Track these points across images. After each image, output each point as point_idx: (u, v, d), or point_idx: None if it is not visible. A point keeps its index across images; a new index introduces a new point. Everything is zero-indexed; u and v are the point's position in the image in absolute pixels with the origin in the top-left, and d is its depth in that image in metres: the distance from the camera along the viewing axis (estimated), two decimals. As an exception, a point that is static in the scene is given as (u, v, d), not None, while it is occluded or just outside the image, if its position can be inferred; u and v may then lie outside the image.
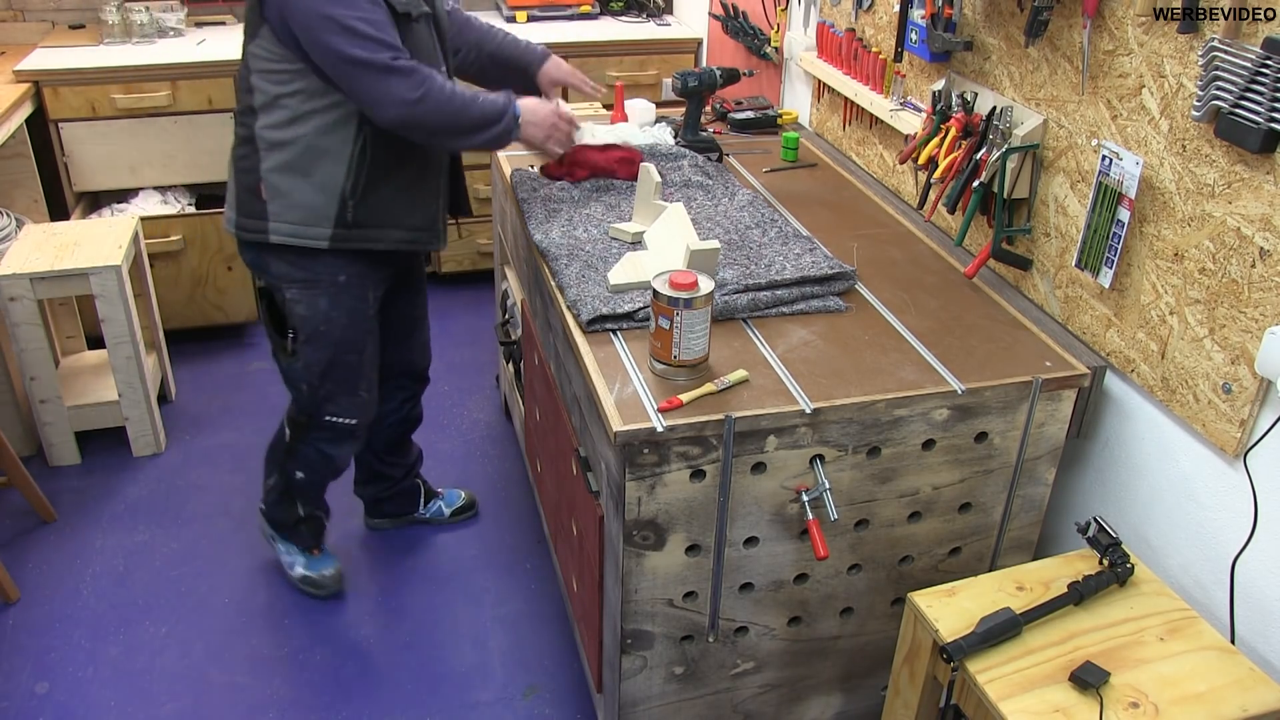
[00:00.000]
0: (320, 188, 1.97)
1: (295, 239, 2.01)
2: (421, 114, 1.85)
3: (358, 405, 2.22)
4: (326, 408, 2.20)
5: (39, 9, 3.65)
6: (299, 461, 2.30)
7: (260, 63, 1.92)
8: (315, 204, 1.98)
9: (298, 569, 2.47)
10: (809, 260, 1.93)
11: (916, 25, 2.11)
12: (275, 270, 2.07)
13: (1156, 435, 1.71)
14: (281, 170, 1.97)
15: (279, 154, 1.96)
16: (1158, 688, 1.43)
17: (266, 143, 1.96)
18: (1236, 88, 1.41)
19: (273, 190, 1.98)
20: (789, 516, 1.67)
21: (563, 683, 2.28)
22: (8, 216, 3.04)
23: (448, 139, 1.95)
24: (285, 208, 1.99)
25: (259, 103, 1.94)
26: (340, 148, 1.95)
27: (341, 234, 2.01)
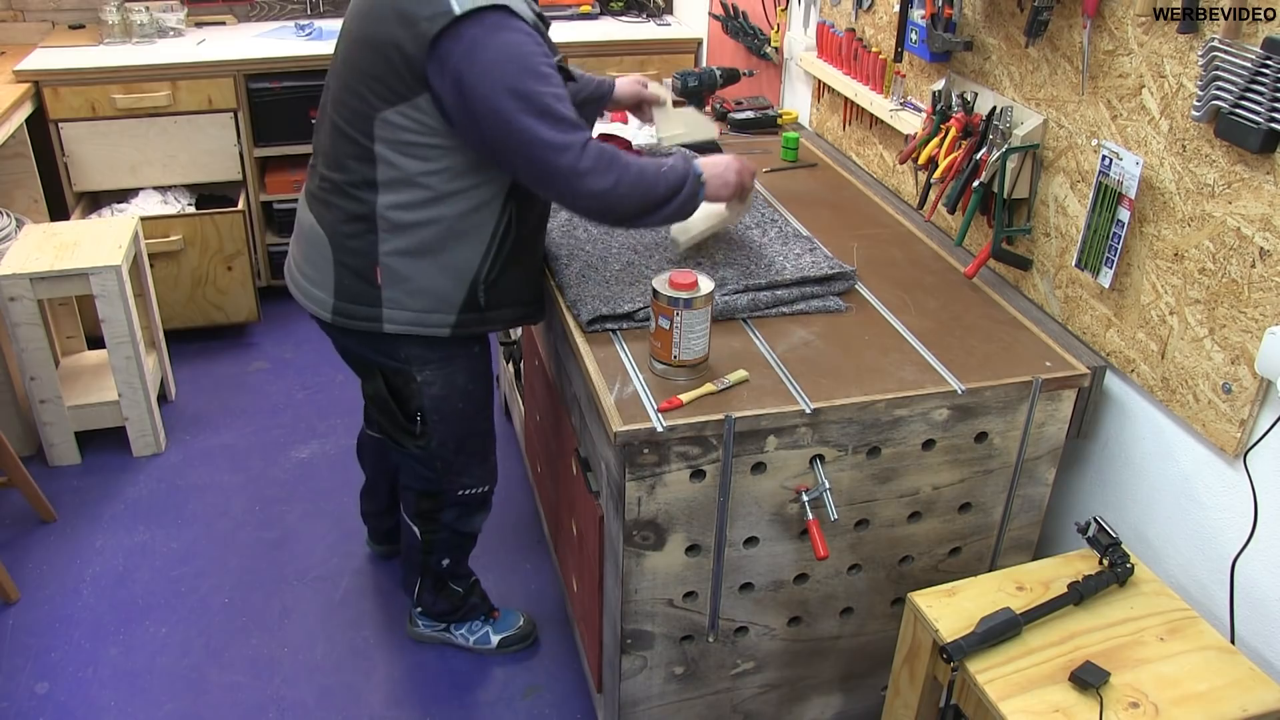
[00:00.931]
0: (452, 273, 1.78)
1: (414, 328, 1.81)
2: (616, 200, 1.66)
3: (488, 470, 2.09)
4: (460, 481, 2.04)
5: (39, 9, 3.65)
6: (440, 551, 2.15)
7: (398, 133, 1.67)
8: (443, 290, 1.79)
9: (493, 639, 2.32)
10: (809, 260, 1.93)
11: (916, 25, 2.11)
12: (406, 353, 1.86)
13: (1156, 435, 1.71)
14: (407, 254, 1.75)
15: (406, 237, 1.74)
16: (1158, 688, 1.43)
17: (390, 224, 1.73)
18: (1236, 88, 1.41)
19: (391, 275, 1.77)
20: (789, 516, 1.67)
21: (563, 683, 2.28)
22: (8, 216, 3.04)
23: (639, 219, 1.73)
24: (405, 294, 1.78)
25: (385, 178, 1.70)
26: (482, 229, 1.76)
27: (467, 319, 1.83)
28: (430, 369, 1.88)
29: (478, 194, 1.74)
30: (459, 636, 2.33)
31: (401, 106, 1.65)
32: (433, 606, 2.28)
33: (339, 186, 1.76)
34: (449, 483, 2.04)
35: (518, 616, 2.36)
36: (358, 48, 1.69)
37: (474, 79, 1.58)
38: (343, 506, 2.78)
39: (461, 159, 1.69)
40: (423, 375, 1.88)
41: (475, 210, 1.75)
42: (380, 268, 1.76)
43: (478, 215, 1.75)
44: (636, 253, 1.96)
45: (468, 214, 1.74)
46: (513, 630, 2.33)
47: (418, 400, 1.91)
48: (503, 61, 1.58)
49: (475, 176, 1.72)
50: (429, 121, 1.65)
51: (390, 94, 1.65)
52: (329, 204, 1.79)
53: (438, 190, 1.71)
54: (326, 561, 2.61)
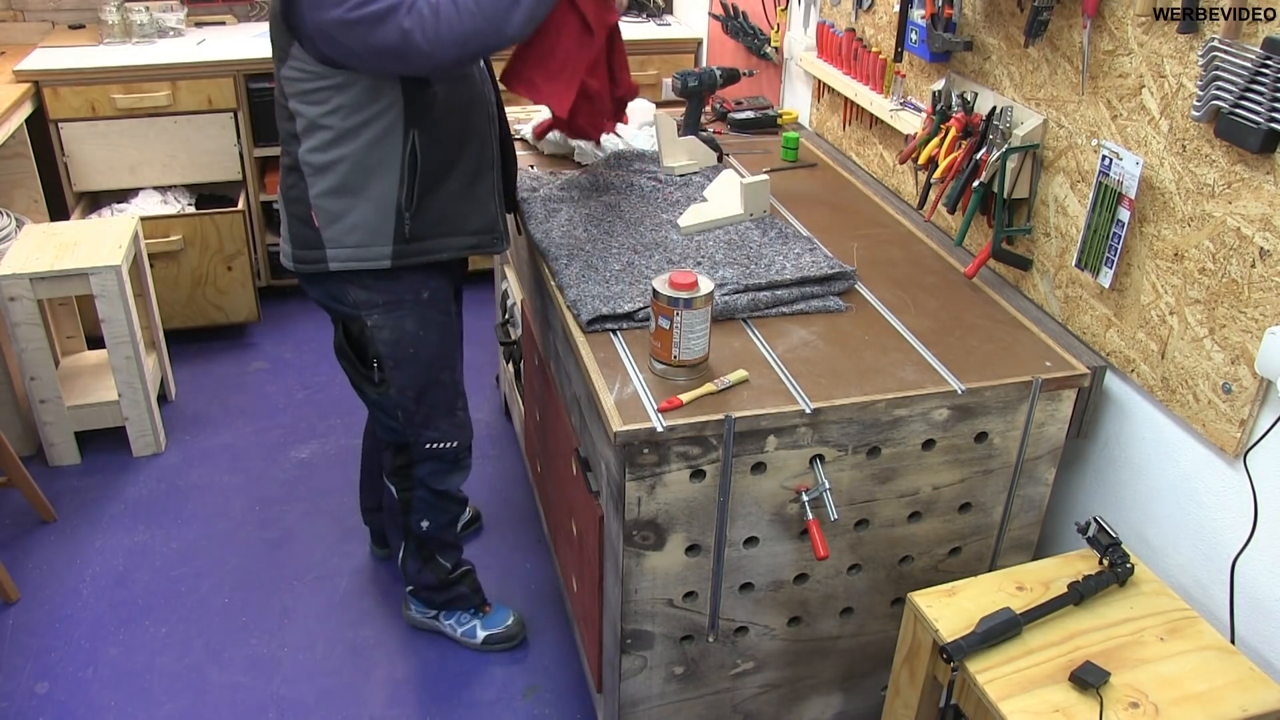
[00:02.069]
0: (374, 205, 1.88)
1: (355, 263, 1.91)
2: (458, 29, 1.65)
3: (456, 425, 2.12)
4: (425, 434, 2.09)
5: (39, 9, 3.65)
6: (418, 509, 2.18)
7: (295, 85, 1.81)
8: (371, 223, 1.89)
9: (479, 634, 2.34)
10: (809, 260, 1.93)
11: (916, 25, 2.11)
12: (354, 298, 1.95)
13: (1156, 435, 1.71)
14: (331, 194, 1.87)
15: (327, 177, 1.86)
16: (1158, 688, 1.43)
17: (312, 168, 1.87)
18: (1236, 88, 1.41)
19: (325, 216, 1.89)
20: (789, 516, 1.67)
21: (563, 683, 2.28)
22: (8, 216, 3.04)
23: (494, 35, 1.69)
24: (341, 232, 1.89)
25: (300, 128, 1.84)
26: (389, 160, 1.85)
27: (402, 249, 1.91)
28: (377, 313, 1.96)
29: (376, 126, 1.82)
30: (447, 626, 2.36)
31: (289, 61, 1.79)
32: (418, 577, 2.28)
33: (282, 147, 1.93)
34: (414, 434, 2.09)
35: (508, 615, 2.37)
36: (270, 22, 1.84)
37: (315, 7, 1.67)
38: (343, 506, 2.78)
39: (348, 96, 1.79)
40: (371, 319, 1.96)
41: (377, 143, 1.83)
42: (314, 210, 1.89)
43: (381, 148, 1.84)
44: (636, 253, 1.96)
45: (371, 148, 1.83)
46: (499, 629, 2.34)
47: (373, 347, 1.99)
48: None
49: (368, 110, 1.81)
50: (308, 67, 1.77)
51: (280, 52, 1.80)
52: (280, 165, 1.96)
53: (339, 129, 1.82)
54: (326, 561, 2.61)
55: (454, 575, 2.29)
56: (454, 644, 2.37)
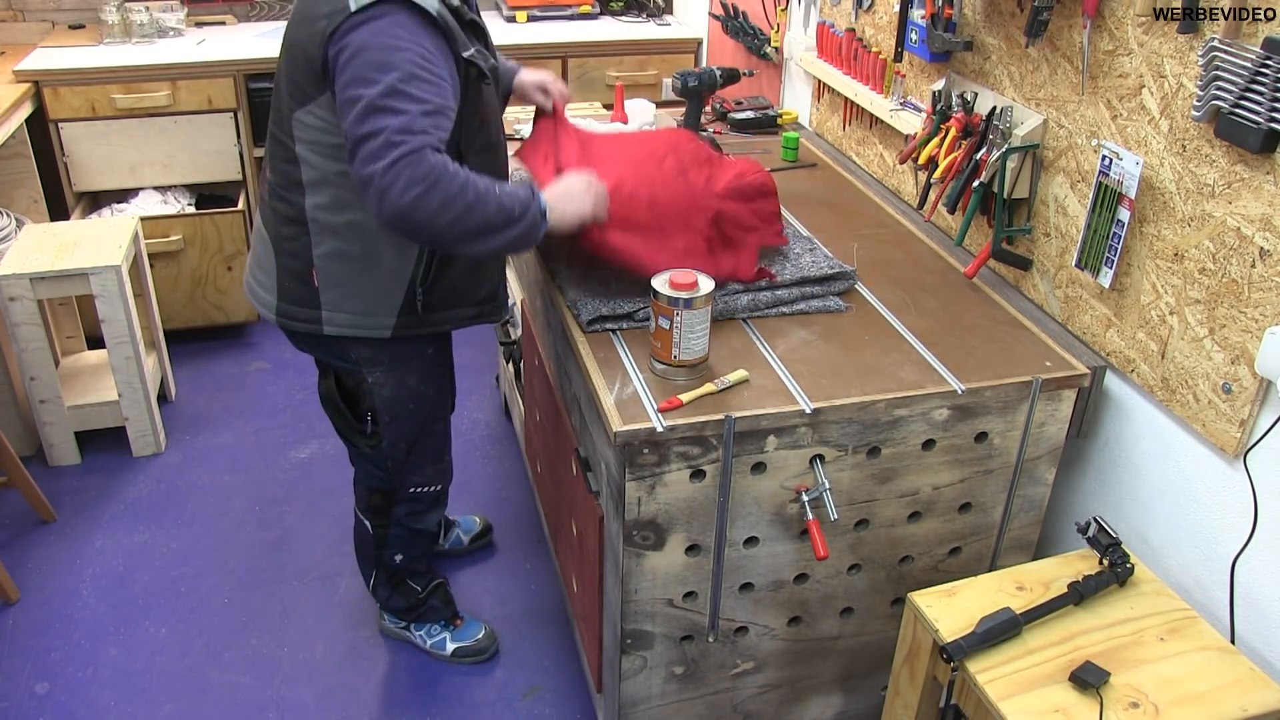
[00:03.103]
0: (387, 277, 1.76)
1: (352, 330, 1.80)
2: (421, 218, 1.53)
3: (441, 471, 2.10)
4: (411, 479, 2.05)
5: (39, 9, 3.65)
6: (393, 546, 2.14)
7: (313, 133, 1.66)
8: (378, 293, 1.77)
9: (449, 646, 2.31)
10: (809, 260, 1.93)
11: (916, 25, 2.11)
12: (357, 355, 1.85)
13: (1156, 435, 1.71)
14: (339, 257, 1.74)
15: (335, 240, 1.73)
16: (1158, 688, 1.43)
17: (320, 226, 1.73)
18: (1236, 88, 1.41)
19: (327, 279, 1.76)
20: (789, 516, 1.67)
21: (563, 683, 2.28)
22: (8, 216, 3.04)
23: (461, 244, 1.61)
24: (342, 297, 1.77)
25: (308, 178, 1.70)
26: None
27: (407, 321, 1.81)
28: (381, 370, 1.88)
29: None
30: (417, 637, 2.34)
31: (310, 106, 1.64)
32: (388, 601, 2.27)
33: (275, 189, 1.77)
34: (400, 480, 2.06)
35: (479, 629, 2.34)
36: (284, 52, 1.71)
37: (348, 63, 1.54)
38: (343, 506, 2.78)
39: None
40: (374, 377, 1.88)
41: None
42: (316, 270, 1.77)
43: None
44: (636, 253, 1.96)
45: None
46: (469, 642, 2.31)
47: (369, 401, 1.92)
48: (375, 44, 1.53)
49: None
50: (334, 119, 1.62)
51: (301, 94, 1.65)
52: (272, 207, 1.79)
53: (356, 190, 1.65)
54: (326, 561, 2.61)
55: (424, 595, 2.27)
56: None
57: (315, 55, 1.59)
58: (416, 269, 1.77)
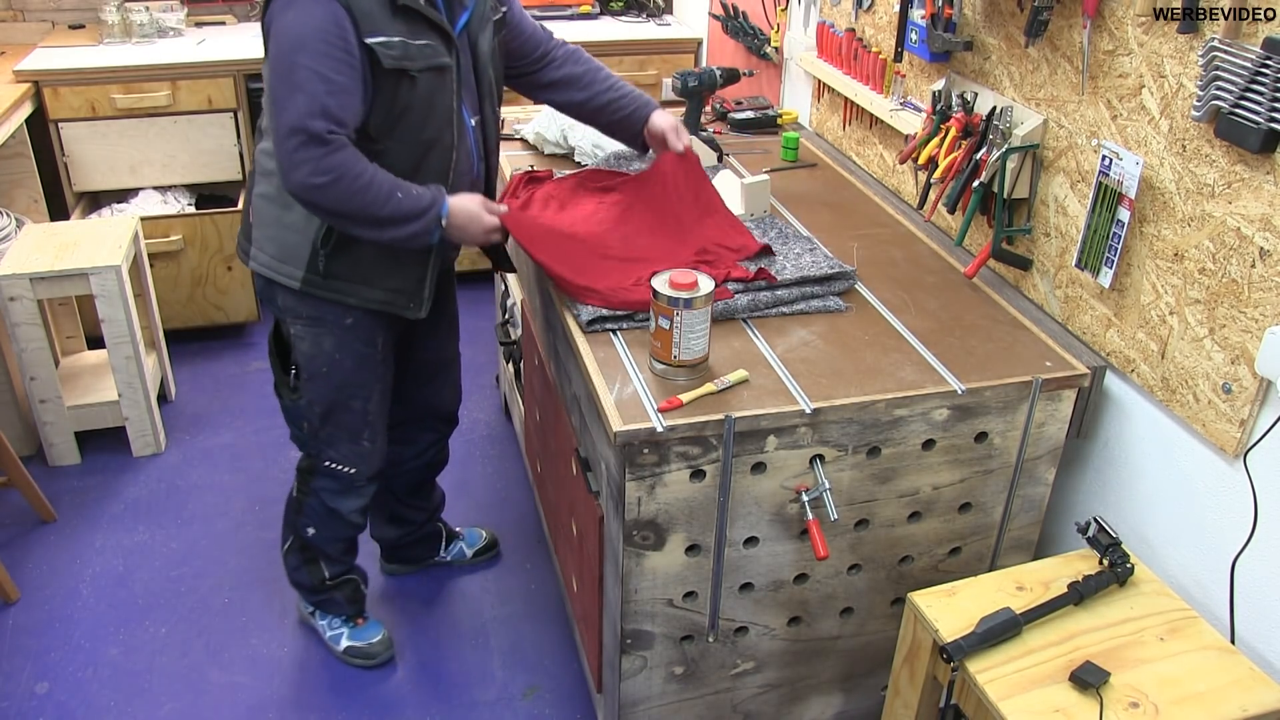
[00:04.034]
0: (296, 227, 1.86)
1: (269, 272, 1.91)
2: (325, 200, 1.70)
3: (359, 454, 2.09)
4: (326, 453, 2.08)
5: (39, 9, 3.65)
6: (307, 515, 2.16)
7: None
8: (290, 242, 1.88)
9: (343, 642, 2.31)
10: (809, 260, 1.93)
11: (916, 25, 2.11)
12: (282, 302, 1.96)
13: (1156, 435, 1.71)
14: (266, 199, 1.88)
15: (267, 181, 1.87)
16: (1158, 688, 1.43)
17: (260, 167, 1.88)
18: (1236, 88, 1.41)
19: (259, 216, 1.91)
20: (789, 516, 1.67)
21: (563, 683, 2.28)
22: (8, 216, 3.04)
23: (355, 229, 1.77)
24: (266, 238, 1.91)
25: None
26: None
27: (312, 279, 1.89)
28: (300, 324, 1.96)
29: None
30: (319, 625, 2.35)
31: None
32: (294, 573, 2.26)
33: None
34: (316, 449, 2.09)
35: (378, 633, 2.32)
36: None
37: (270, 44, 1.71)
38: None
39: None
40: (294, 329, 1.97)
41: None
42: (252, 207, 1.93)
43: None
44: (636, 253, 1.96)
45: None
46: (363, 644, 2.30)
47: (296, 355, 2.00)
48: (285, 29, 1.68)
49: None
50: None
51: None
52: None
53: None
54: (326, 561, 2.60)
55: (330, 583, 2.26)
56: (456, 644, 2.37)
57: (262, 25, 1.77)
58: (319, 232, 1.85)
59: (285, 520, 2.24)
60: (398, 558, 2.55)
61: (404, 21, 1.72)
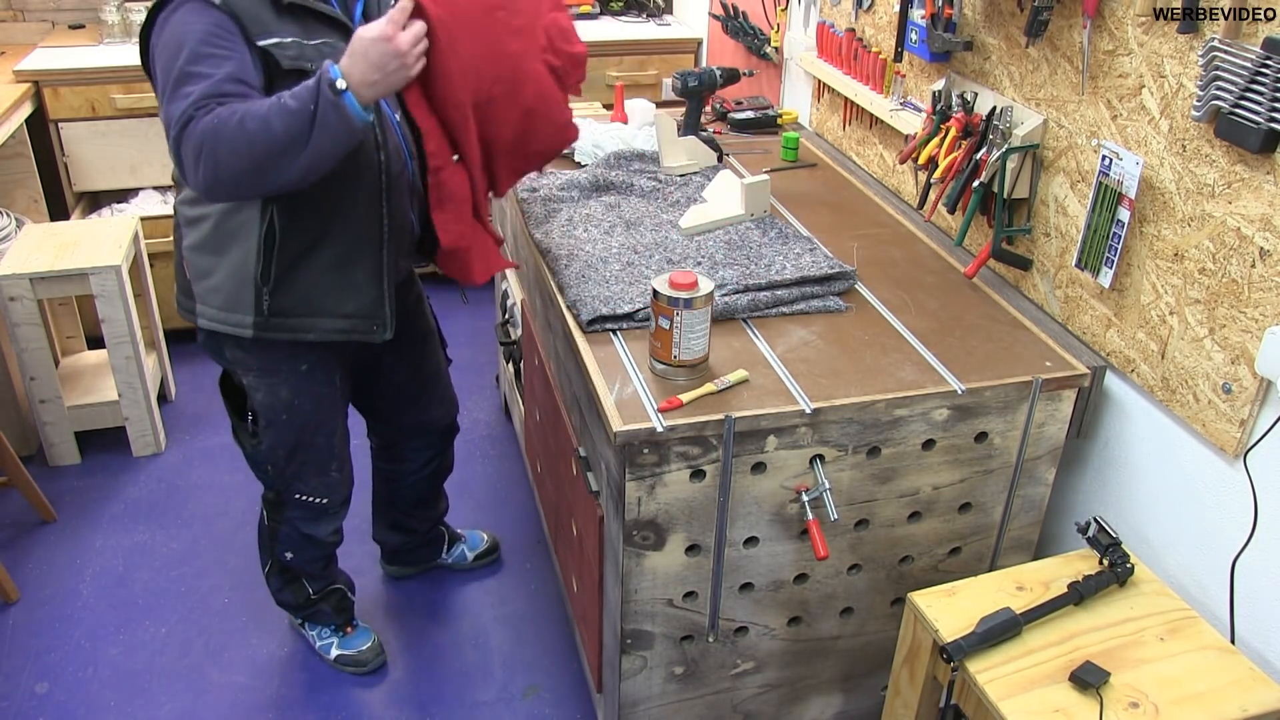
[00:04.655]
0: (234, 272, 1.76)
1: (219, 325, 1.81)
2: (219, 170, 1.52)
3: (328, 485, 2.04)
4: (295, 486, 2.02)
5: (39, 9, 3.65)
6: (282, 542, 2.12)
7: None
8: (231, 289, 1.77)
9: (333, 651, 2.29)
10: (809, 260, 1.93)
11: (916, 25, 2.11)
12: (229, 355, 1.88)
13: (1156, 435, 1.71)
14: (197, 249, 1.78)
15: (194, 231, 1.77)
16: (1158, 688, 1.43)
17: (184, 218, 1.79)
18: (1236, 88, 1.41)
19: (194, 270, 1.80)
20: (789, 516, 1.67)
21: (563, 683, 2.28)
22: (8, 216, 3.04)
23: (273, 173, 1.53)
24: (206, 291, 1.80)
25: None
26: (246, 229, 1.72)
27: (263, 322, 1.78)
28: (252, 375, 1.89)
29: None
30: (309, 636, 2.34)
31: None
32: (279, 594, 2.24)
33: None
34: (284, 485, 2.03)
35: (367, 640, 2.31)
36: None
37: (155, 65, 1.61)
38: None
39: None
40: (247, 380, 1.90)
41: (235, 210, 1.71)
42: (186, 262, 1.82)
43: (238, 215, 1.72)
44: (636, 253, 1.96)
45: (229, 212, 1.72)
46: (352, 652, 2.29)
47: (251, 404, 1.93)
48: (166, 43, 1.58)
49: None
50: None
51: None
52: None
53: None
54: (326, 561, 2.60)
55: (315, 598, 2.24)
56: (456, 644, 2.37)
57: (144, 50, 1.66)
58: (257, 267, 1.74)
59: (260, 545, 2.20)
60: (399, 560, 2.54)
61: (294, 21, 1.63)
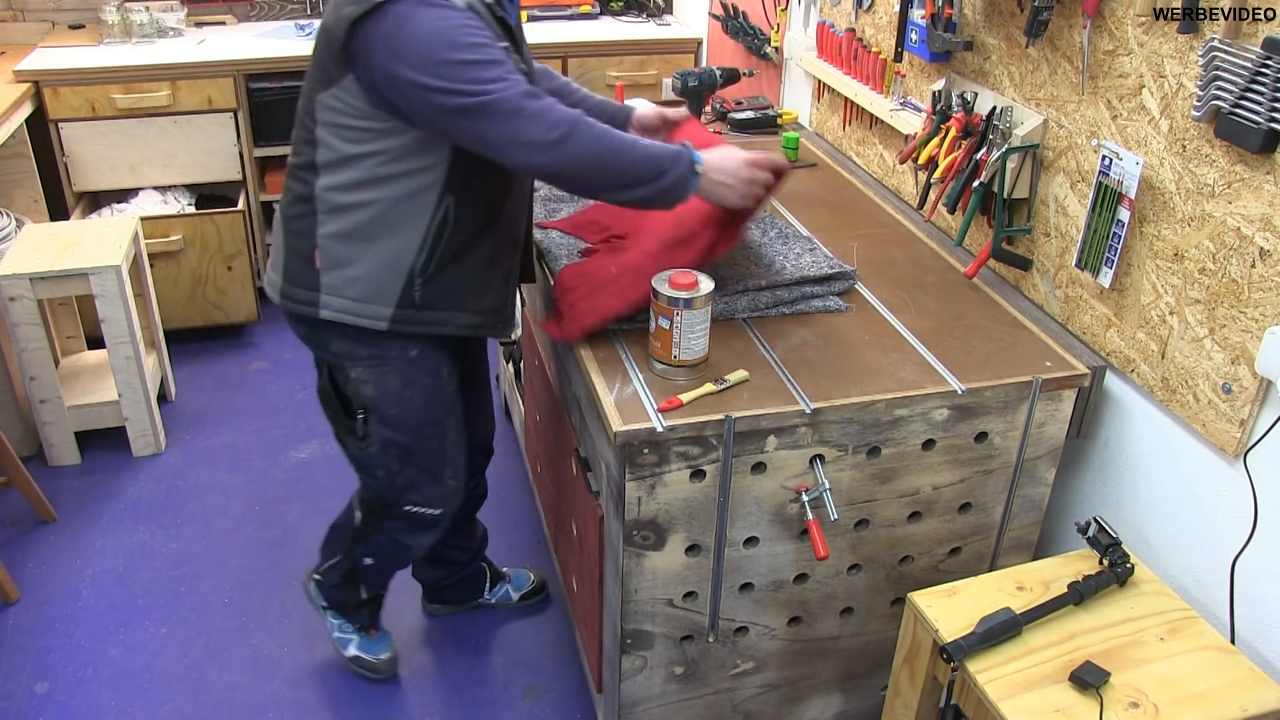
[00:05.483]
0: (386, 262, 1.72)
1: (349, 316, 1.76)
2: (567, 157, 1.56)
3: (443, 494, 1.98)
4: (407, 496, 1.96)
5: (39, 9, 3.65)
6: (370, 548, 2.07)
7: (333, 115, 1.65)
8: (378, 279, 1.74)
9: (351, 649, 2.26)
10: (809, 260, 1.93)
11: (916, 25, 2.11)
12: (336, 347, 1.83)
13: (1156, 435, 1.71)
14: (342, 238, 1.72)
15: (342, 219, 1.71)
16: (1158, 688, 1.43)
17: (329, 205, 1.71)
18: (1236, 88, 1.41)
19: (329, 259, 1.74)
20: (789, 516, 1.67)
21: (563, 683, 2.28)
22: (8, 216, 3.04)
23: (602, 189, 1.63)
24: (342, 281, 1.75)
25: (324, 159, 1.69)
26: (414, 218, 1.70)
27: (404, 315, 1.76)
28: (361, 367, 1.84)
29: (412, 181, 1.68)
30: (331, 624, 2.29)
31: (333, 89, 1.64)
32: (330, 589, 2.21)
33: (294, 170, 1.78)
34: (395, 495, 1.97)
35: (387, 650, 2.29)
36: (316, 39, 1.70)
37: (396, 58, 1.55)
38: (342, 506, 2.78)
39: (395, 143, 1.65)
40: (355, 372, 1.85)
41: (408, 198, 1.69)
42: (319, 250, 1.75)
43: (410, 204, 1.70)
44: (636, 253, 1.96)
45: (401, 201, 1.69)
46: (371, 658, 2.27)
47: (357, 398, 1.88)
48: (425, 37, 1.54)
49: (411, 163, 1.67)
50: (356, 103, 1.63)
51: (325, 75, 1.65)
52: (287, 187, 1.80)
53: (372, 173, 1.67)
54: (326, 561, 2.61)
55: (362, 601, 2.22)
56: (456, 644, 2.37)
57: (339, 38, 1.59)
58: (417, 258, 1.73)
59: (335, 542, 2.16)
60: (440, 598, 2.45)
61: (498, 29, 1.66)
